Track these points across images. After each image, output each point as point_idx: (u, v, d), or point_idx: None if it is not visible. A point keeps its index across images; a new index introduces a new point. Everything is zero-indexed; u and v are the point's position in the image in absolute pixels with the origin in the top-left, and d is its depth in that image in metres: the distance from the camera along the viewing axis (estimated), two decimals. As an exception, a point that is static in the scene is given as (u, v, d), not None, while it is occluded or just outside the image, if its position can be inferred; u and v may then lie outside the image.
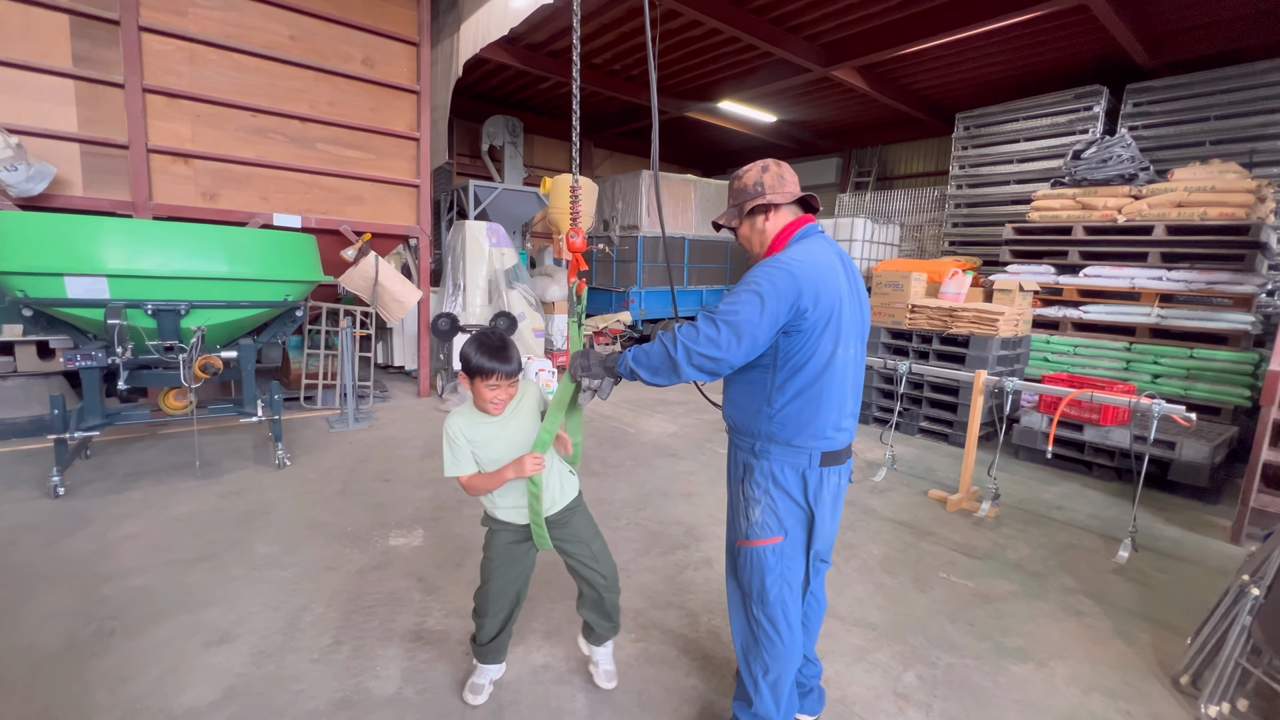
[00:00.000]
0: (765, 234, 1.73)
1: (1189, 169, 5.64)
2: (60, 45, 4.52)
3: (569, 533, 1.99)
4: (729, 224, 1.81)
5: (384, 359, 7.39)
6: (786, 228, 1.72)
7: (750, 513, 1.70)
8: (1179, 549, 3.51)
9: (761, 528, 1.69)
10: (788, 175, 1.74)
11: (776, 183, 1.72)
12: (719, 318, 1.54)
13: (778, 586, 1.70)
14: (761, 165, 1.74)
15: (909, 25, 6.94)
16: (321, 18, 5.44)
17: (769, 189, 1.71)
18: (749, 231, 1.78)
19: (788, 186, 1.72)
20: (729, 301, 1.56)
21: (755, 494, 1.69)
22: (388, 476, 4.08)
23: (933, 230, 10.35)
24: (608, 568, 2.04)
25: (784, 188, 1.72)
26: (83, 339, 3.82)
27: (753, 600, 1.74)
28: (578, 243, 2.05)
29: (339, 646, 2.30)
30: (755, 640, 1.75)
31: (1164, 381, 5.26)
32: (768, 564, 1.69)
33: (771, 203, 1.70)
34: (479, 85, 10.27)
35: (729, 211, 1.80)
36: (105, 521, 3.24)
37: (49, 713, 1.92)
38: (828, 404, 1.62)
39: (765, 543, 1.69)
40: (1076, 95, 7.59)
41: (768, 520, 1.68)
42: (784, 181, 1.72)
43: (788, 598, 1.71)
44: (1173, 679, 2.30)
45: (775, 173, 1.73)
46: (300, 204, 5.60)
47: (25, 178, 4.18)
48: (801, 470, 1.65)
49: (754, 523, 1.69)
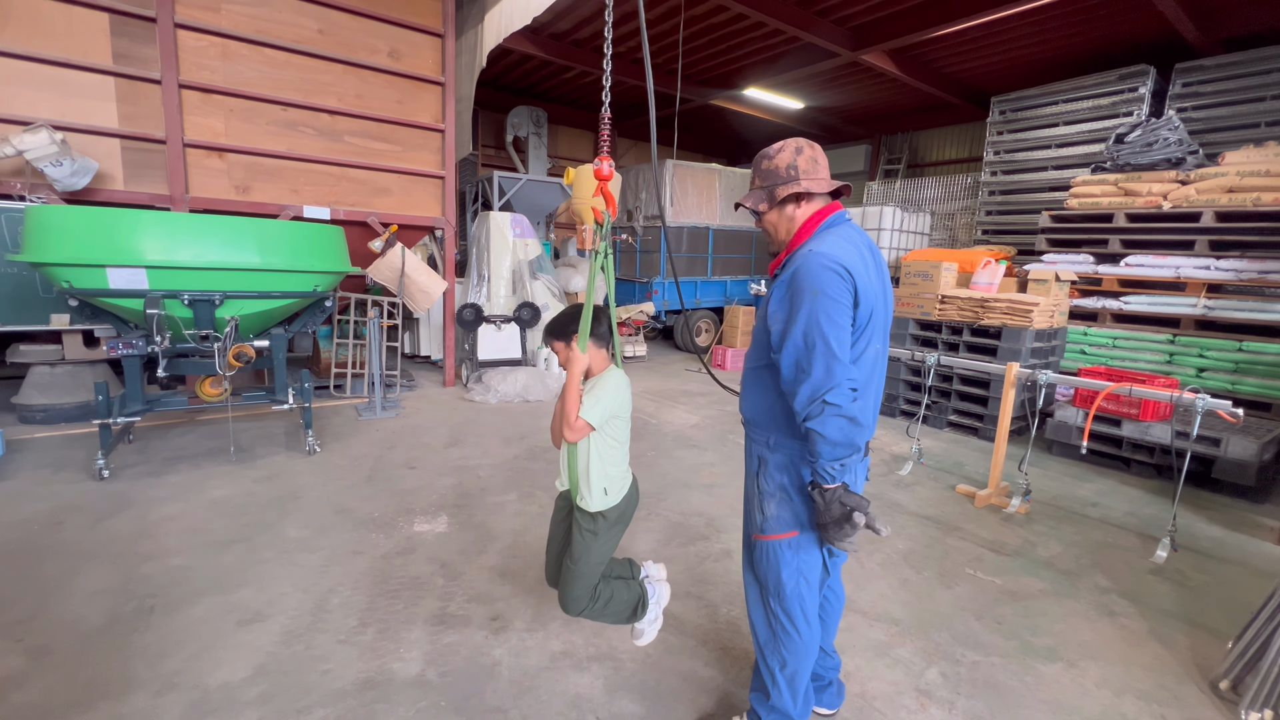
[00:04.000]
0: (794, 221, 1.65)
1: (1242, 152, 5.36)
2: (100, 43, 4.66)
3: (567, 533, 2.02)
4: (755, 208, 1.68)
5: (411, 348, 7.52)
6: (816, 214, 1.64)
7: (766, 507, 1.68)
8: (1221, 549, 3.37)
9: (777, 521, 1.67)
10: (821, 159, 1.65)
11: (811, 167, 1.62)
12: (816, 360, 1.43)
13: (794, 580, 1.68)
14: (795, 146, 1.62)
15: (942, 6, 6.71)
16: (349, 11, 5.51)
17: (803, 173, 1.61)
18: (776, 218, 1.68)
19: (822, 172, 1.64)
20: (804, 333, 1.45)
21: (770, 488, 1.68)
22: (414, 464, 4.16)
23: (965, 219, 10.06)
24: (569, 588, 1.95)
25: (818, 173, 1.63)
26: (124, 328, 3.96)
27: (770, 594, 1.72)
28: (604, 170, 1.95)
29: (365, 628, 2.36)
30: (773, 634, 1.74)
31: (1210, 375, 5.04)
32: (783, 558, 1.68)
33: (807, 191, 1.61)
34: (503, 76, 10.29)
35: (755, 194, 1.68)
36: (146, 503, 3.37)
37: (93, 684, 2.01)
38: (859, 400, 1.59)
39: (780, 536, 1.67)
40: (1120, 76, 7.26)
41: (782, 514, 1.67)
42: (818, 166, 1.63)
43: (804, 592, 1.70)
44: (1211, 684, 2.22)
45: (810, 156, 1.63)
46: (329, 196, 5.71)
47: (70, 173, 4.34)
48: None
49: (769, 517, 1.68)
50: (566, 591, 1.96)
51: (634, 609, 2.08)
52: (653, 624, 2.13)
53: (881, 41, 7.44)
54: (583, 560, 1.92)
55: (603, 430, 1.87)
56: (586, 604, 1.97)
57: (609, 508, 1.92)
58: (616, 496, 1.94)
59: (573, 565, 1.94)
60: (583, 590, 1.95)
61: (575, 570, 1.93)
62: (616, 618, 2.06)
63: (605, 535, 1.93)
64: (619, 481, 1.95)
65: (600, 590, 2.00)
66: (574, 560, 1.94)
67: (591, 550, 1.92)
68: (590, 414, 1.81)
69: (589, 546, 1.92)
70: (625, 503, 1.99)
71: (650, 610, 2.12)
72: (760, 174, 1.68)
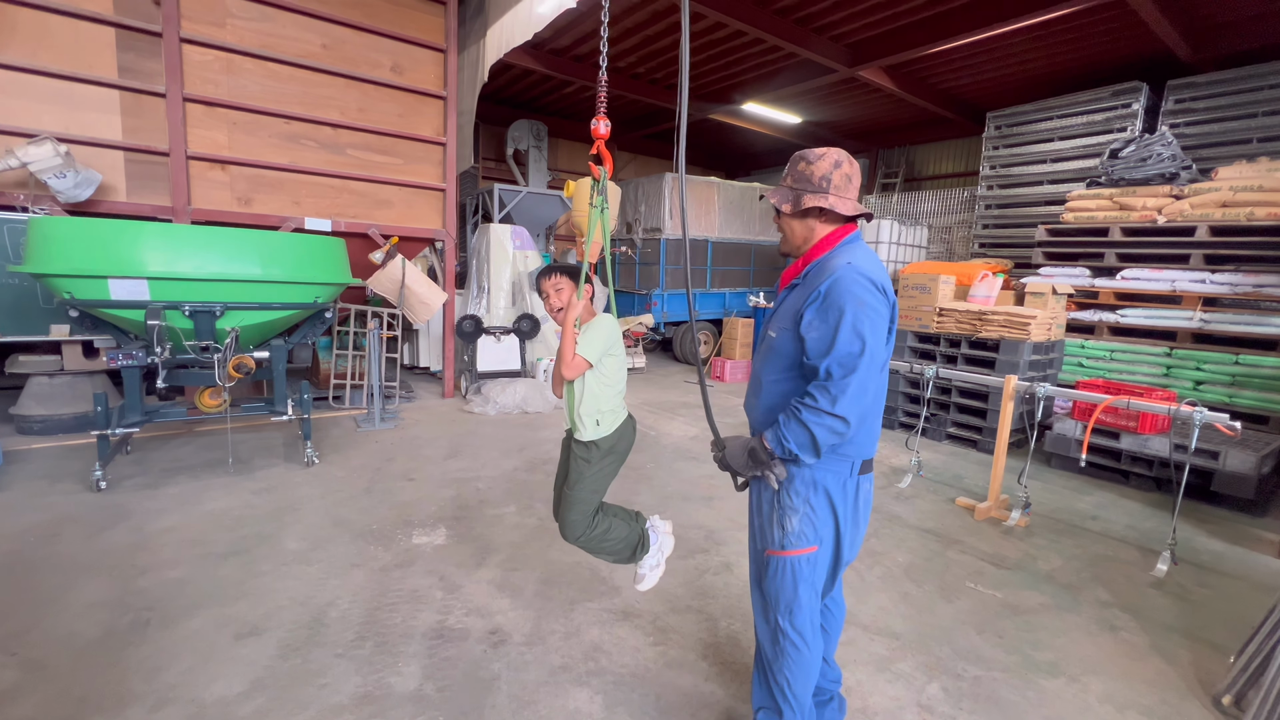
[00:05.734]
0: (813, 233, 1.67)
1: (1234, 167, 5.42)
2: (106, 57, 4.71)
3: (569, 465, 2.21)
4: (779, 206, 1.68)
5: (410, 360, 7.52)
6: (837, 231, 1.66)
7: (787, 522, 1.65)
8: (1221, 563, 3.36)
9: (798, 537, 1.65)
10: (855, 177, 1.65)
11: (844, 184, 1.62)
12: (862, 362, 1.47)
13: (809, 595, 1.68)
14: (835, 159, 1.61)
15: (938, 23, 6.81)
16: (352, 26, 5.58)
17: (834, 189, 1.61)
18: (797, 224, 1.68)
19: (852, 192, 1.64)
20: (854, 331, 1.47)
21: (794, 503, 1.65)
22: (412, 476, 4.15)
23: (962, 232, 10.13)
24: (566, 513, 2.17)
25: (848, 192, 1.63)
26: (124, 339, 3.97)
27: (780, 611, 1.70)
28: (601, 129, 2.09)
29: (362, 642, 2.34)
30: (782, 651, 1.71)
31: (1207, 388, 5.06)
32: (801, 574, 1.66)
33: (831, 208, 1.61)
34: (504, 90, 10.39)
35: (783, 192, 1.68)
36: (143, 515, 3.35)
37: (88, 699, 1.99)
38: (874, 413, 1.64)
39: (800, 552, 1.66)
40: (1114, 92, 7.36)
41: (805, 530, 1.65)
42: (850, 184, 1.63)
43: (815, 605, 1.71)
44: (1214, 698, 2.21)
45: (845, 173, 1.62)
46: (331, 208, 5.74)
47: (73, 184, 4.37)
48: (843, 479, 1.64)
49: (790, 532, 1.65)
50: (564, 517, 2.17)
51: (633, 549, 2.27)
52: (654, 569, 2.30)
53: (878, 58, 7.55)
54: (578, 486, 2.15)
55: (599, 367, 2.12)
56: (584, 530, 2.17)
57: (601, 438, 2.15)
58: (609, 428, 2.17)
59: (569, 491, 2.16)
60: (579, 515, 2.16)
61: (571, 495, 2.16)
62: (615, 553, 2.26)
63: (598, 464, 2.16)
64: (610, 415, 2.18)
65: (598, 521, 2.20)
66: (570, 486, 2.16)
67: (585, 477, 2.15)
68: (587, 350, 2.06)
69: (583, 473, 2.15)
70: (617, 435, 2.20)
71: (651, 555, 2.30)
72: (794, 174, 1.67)
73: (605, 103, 2.11)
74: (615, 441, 2.19)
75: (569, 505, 2.16)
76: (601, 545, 2.23)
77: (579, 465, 2.15)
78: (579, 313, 2.13)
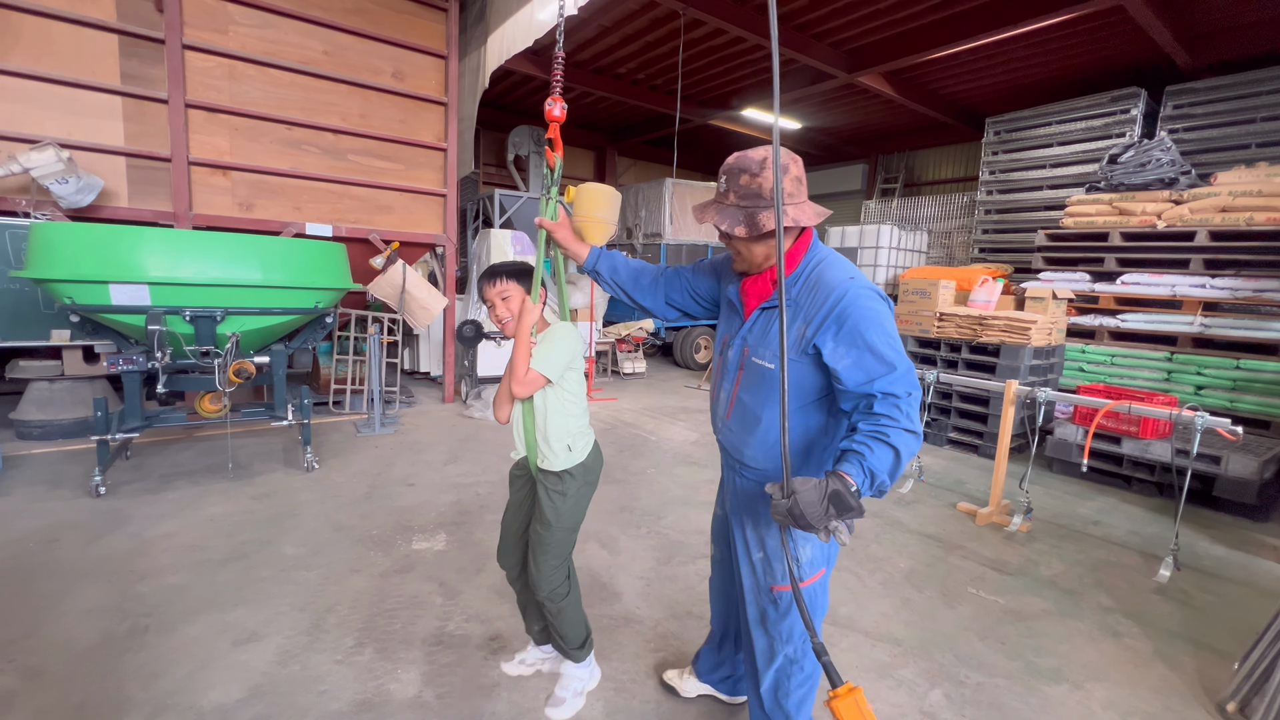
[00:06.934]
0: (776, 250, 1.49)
1: (1233, 172, 5.43)
2: (109, 63, 4.73)
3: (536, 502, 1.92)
4: (731, 230, 1.44)
5: (410, 365, 7.52)
6: (801, 240, 1.52)
7: (803, 552, 1.57)
8: (1225, 569, 3.35)
9: (811, 565, 1.58)
10: (804, 176, 1.48)
11: (796, 189, 1.44)
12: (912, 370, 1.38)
13: (821, 614, 1.65)
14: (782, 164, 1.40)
15: (937, 30, 6.85)
16: (354, 33, 5.60)
17: (791, 198, 1.43)
18: (757, 245, 1.48)
19: (805, 193, 1.48)
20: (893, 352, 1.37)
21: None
22: (412, 481, 4.14)
23: (961, 237, 10.16)
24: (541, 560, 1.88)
25: (804, 196, 1.47)
26: (125, 344, 3.96)
27: (793, 642, 1.62)
28: (555, 111, 1.86)
29: (362, 648, 2.33)
30: (790, 680, 1.65)
31: (1208, 393, 5.05)
32: (817, 598, 1.62)
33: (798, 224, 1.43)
34: (505, 96, 10.44)
35: (728, 212, 1.45)
36: (143, 521, 3.34)
37: (86, 706, 1.98)
38: None
39: (816, 578, 1.60)
40: (1113, 98, 7.39)
41: (817, 555, 1.59)
42: (802, 186, 1.46)
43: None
44: (1218, 705, 2.20)
45: (795, 175, 1.44)
46: (332, 213, 5.75)
47: (75, 190, 4.38)
48: None
49: (805, 561, 1.57)
50: (540, 563, 1.87)
51: (585, 639, 2.03)
52: (578, 697, 2.05)
53: (877, 64, 7.58)
54: (555, 525, 1.86)
55: (562, 382, 1.83)
56: (560, 584, 1.91)
57: (575, 464, 1.86)
58: (582, 453, 1.88)
59: (544, 531, 1.86)
60: (557, 561, 1.89)
61: (546, 538, 1.86)
62: (573, 629, 1.98)
63: (575, 496, 1.87)
64: (582, 437, 1.90)
65: (571, 579, 1.95)
66: (545, 526, 1.86)
67: (562, 513, 1.86)
68: (544, 365, 1.76)
69: (559, 509, 1.85)
70: (592, 459, 1.93)
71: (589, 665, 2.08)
72: (738, 189, 1.44)
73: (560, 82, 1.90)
74: (590, 466, 1.91)
75: (544, 550, 1.86)
76: (565, 612, 1.93)
77: (552, 500, 1.85)
78: (536, 319, 1.81)
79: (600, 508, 3.81)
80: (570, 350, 1.84)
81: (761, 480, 1.60)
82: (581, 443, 1.90)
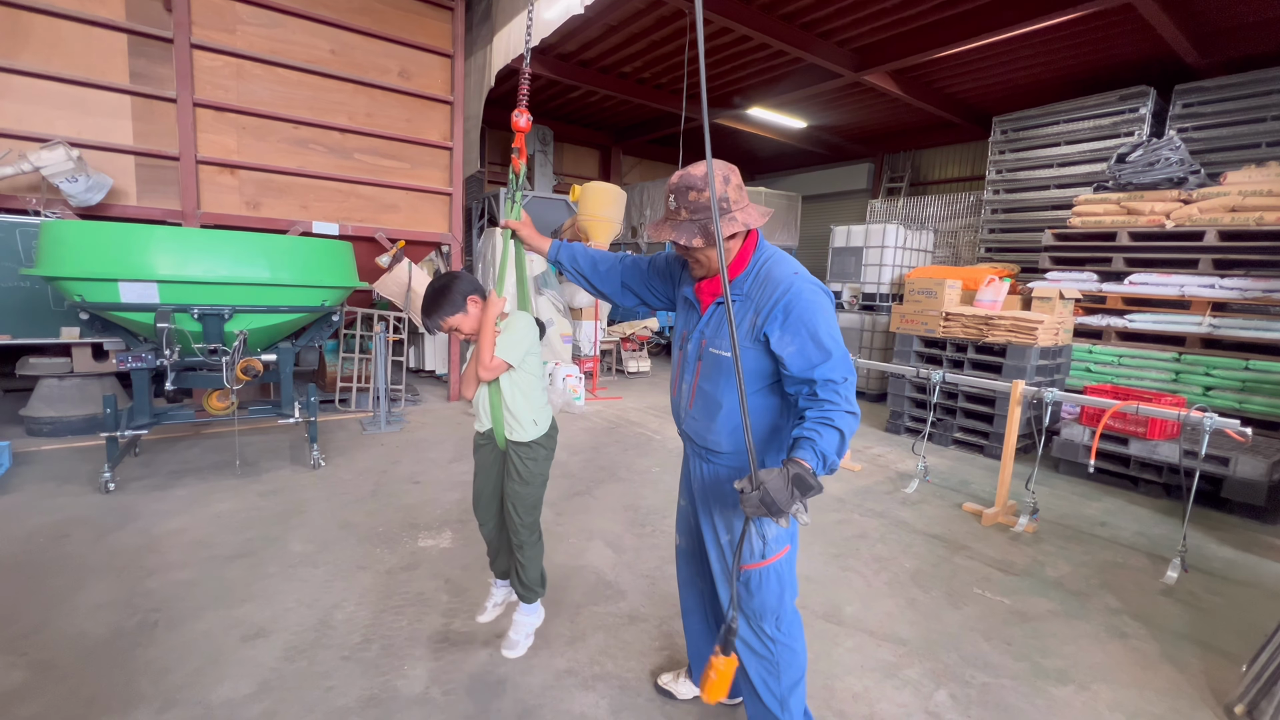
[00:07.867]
0: (730, 253, 1.62)
1: (1243, 172, 5.39)
2: (118, 63, 4.76)
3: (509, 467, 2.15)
4: (690, 243, 1.56)
5: (416, 363, 7.55)
6: (749, 241, 1.64)
7: (768, 530, 1.65)
8: (1233, 570, 3.33)
9: (777, 541, 1.66)
10: (741, 183, 1.60)
11: (739, 196, 1.57)
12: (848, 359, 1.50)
13: (791, 596, 1.70)
14: (721, 175, 1.54)
15: (944, 28, 6.81)
16: (361, 32, 5.62)
17: (735, 204, 1.55)
18: (714, 251, 1.58)
19: (745, 198, 1.60)
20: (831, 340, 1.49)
21: None
22: (418, 478, 4.16)
23: (968, 236, 10.10)
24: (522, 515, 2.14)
25: (745, 200, 1.59)
26: (134, 341, 4.00)
27: (767, 620, 1.68)
28: (521, 122, 2.08)
29: (368, 645, 2.35)
30: (775, 663, 1.70)
31: (1217, 394, 5.02)
32: (784, 575, 1.68)
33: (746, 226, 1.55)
34: (511, 95, 10.42)
35: (684, 227, 1.56)
36: (151, 517, 3.37)
37: (96, 700, 2.00)
38: None
39: (782, 554, 1.68)
40: (1121, 97, 7.33)
41: (781, 534, 1.67)
42: (743, 193, 1.59)
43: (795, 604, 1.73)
44: (1226, 708, 2.19)
45: (736, 184, 1.57)
46: (338, 212, 5.78)
47: (85, 189, 4.41)
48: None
49: (771, 539, 1.66)
50: (520, 512, 2.15)
51: (541, 580, 2.27)
52: (528, 639, 2.30)
53: (884, 63, 7.54)
54: (531, 482, 2.14)
55: (523, 366, 2.09)
56: (537, 534, 2.21)
57: (542, 435, 2.16)
58: (545, 425, 2.18)
59: (522, 489, 2.13)
60: (532, 505, 2.17)
61: (526, 494, 2.14)
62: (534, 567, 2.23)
63: (543, 459, 2.18)
64: (544, 412, 2.18)
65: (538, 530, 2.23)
66: (523, 484, 2.13)
67: (535, 474, 2.15)
68: (506, 353, 2.04)
69: (532, 470, 2.14)
70: (553, 428, 2.23)
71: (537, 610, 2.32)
72: (687, 205, 1.56)
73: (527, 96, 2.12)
74: (552, 435, 2.22)
75: (524, 506, 2.15)
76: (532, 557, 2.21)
77: (525, 465, 2.12)
78: (499, 310, 2.08)
79: (605, 506, 3.81)
80: (529, 338, 2.11)
81: (729, 464, 1.71)
82: (544, 416, 2.19)
